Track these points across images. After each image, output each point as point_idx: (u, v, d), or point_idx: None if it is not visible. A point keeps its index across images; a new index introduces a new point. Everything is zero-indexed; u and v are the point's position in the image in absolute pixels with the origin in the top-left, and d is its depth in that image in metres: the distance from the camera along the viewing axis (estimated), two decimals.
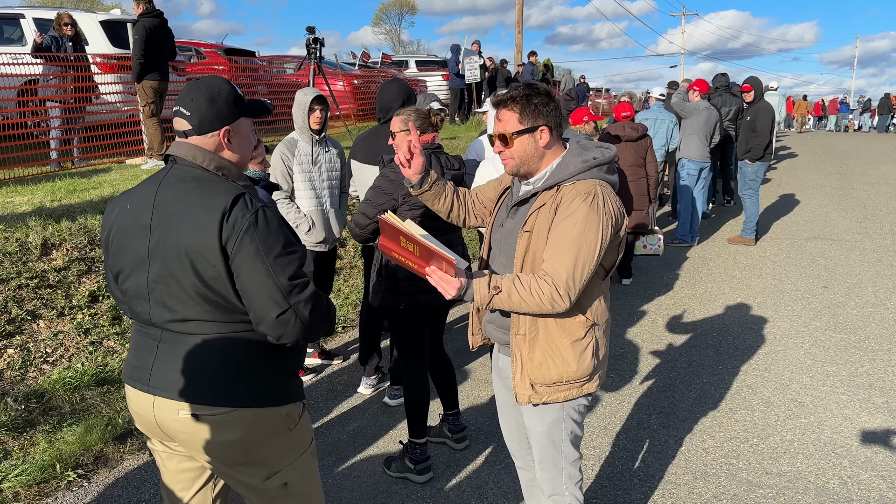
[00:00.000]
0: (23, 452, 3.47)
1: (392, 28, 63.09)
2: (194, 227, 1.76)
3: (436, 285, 2.02)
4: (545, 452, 2.34)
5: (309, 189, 4.32)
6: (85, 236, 5.00)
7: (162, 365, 1.85)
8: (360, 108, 13.39)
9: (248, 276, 1.75)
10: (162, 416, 1.87)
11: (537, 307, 2.02)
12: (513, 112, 2.11)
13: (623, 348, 5.17)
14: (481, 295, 2.02)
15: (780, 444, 3.77)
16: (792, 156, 18.62)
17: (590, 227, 2.01)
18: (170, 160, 1.92)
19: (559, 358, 2.15)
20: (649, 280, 7.03)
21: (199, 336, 1.82)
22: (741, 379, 4.60)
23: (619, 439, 3.83)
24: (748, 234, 8.50)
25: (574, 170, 2.10)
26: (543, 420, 2.28)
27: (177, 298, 1.80)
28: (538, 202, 2.11)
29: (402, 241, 2.05)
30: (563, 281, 1.99)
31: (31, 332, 4.24)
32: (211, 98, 1.88)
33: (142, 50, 7.36)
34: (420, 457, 3.40)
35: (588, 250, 2.01)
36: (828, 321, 5.69)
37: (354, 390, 4.46)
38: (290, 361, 1.96)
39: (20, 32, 9.23)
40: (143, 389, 1.88)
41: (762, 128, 7.99)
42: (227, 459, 1.90)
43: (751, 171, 8.26)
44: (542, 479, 2.41)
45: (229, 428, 1.84)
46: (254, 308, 1.77)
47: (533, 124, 2.11)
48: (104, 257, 1.99)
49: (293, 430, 1.97)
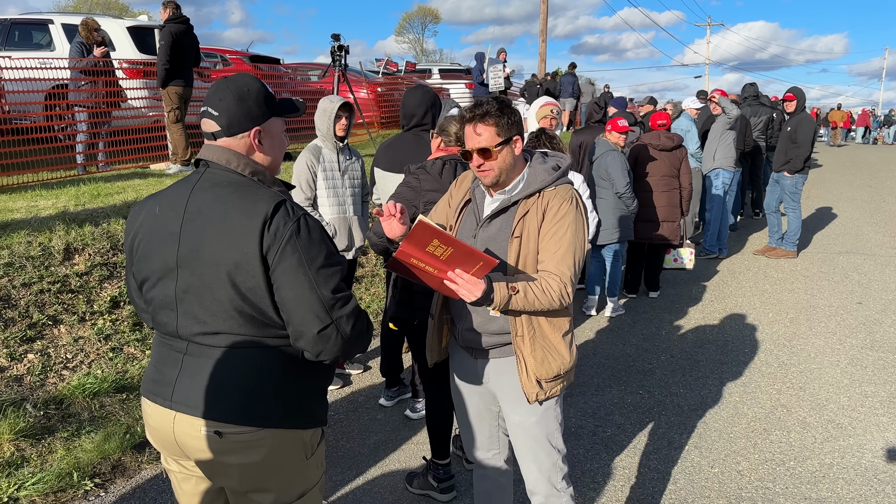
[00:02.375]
0: (40, 460, 3.42)
1: (416, 37, 63.36)
2: (232, 234, 1.66)
3: (457, 290, 2.05)
4: (540, 447, 2.39)
5: (333, 196, 4.25)
6: (108, 241, 4.98)
7: (186, 379, 1.75)
8: (383, 115, 13.39)
9: (288, 288, 1.65)
10: (182, 433, 1.76)
11: (548, 304, 2.15)
12: (490, 126, 2.20)
13: (651, 364, 5.03)
14: (501, 296, 2.08)
15: (818, 467, 3.61)
16: (821, 168, 18.30)
17: (579, 227, 2.22)
18: (201, 164, 1.82)
19: (555, 352, 2.29)
20: (677, 293, 6.87)
21: (229, 350, 1.72)
22: (775, 398, 4.44)
23: (650, 459, 3.69)
24: (790, 246, 8.31)
25: (550, 177, 2.26)
26: (535, 410, 2.36)
27: (208, 310, 1.70)
28: (521, 209, 2.24)
29: (432, 246, 1.99)
30: (568, 278, 2.16)
31: (51, 337, 4.21)
32: (240, 96, 1.78)
33: (167, 55, 7.38)
34: (444, 476, 3.29)
35: (581, 248, 2.22)
36: (864, 339, 5.50)
37: (375, 402, 4.37)
38: (320, 381, 1.86)
39: (49, 38, 9.32)
40: (165, 405, 1.77)
41: (804, 139, 7.74)
42: (244, 483, 1.80)
43: (790, 183, 8.03)
44: (537, 482, 2.43)
45: (252, 449, 1.75)
46: (293, 322, 1.67)
47: (508, 136, 2.22)
48: (127, 263, 1.89)
49: (309, 459, 1.86)
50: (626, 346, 5.37)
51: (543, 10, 21.32)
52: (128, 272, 1.89)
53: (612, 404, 4.35)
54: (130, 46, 9.13)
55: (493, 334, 2.34)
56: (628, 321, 6.02)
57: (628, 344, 5.44)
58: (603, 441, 3.88)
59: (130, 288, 1.91)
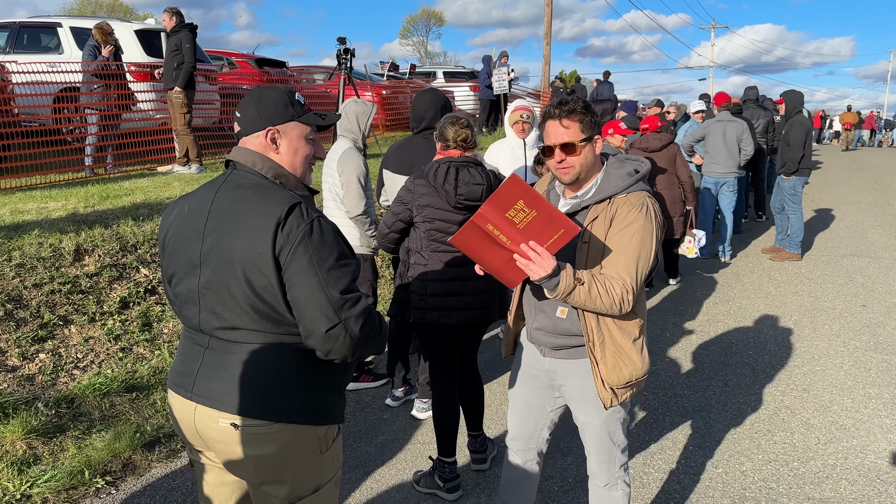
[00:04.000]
0: (52, 458, 3.47)
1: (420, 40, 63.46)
2: (248, 234, 1.73)
3: (527, 265, 2.05)
4: (601, 445, 2.49)
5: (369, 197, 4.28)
6: (117, 242, 5.03)
7: (206, 372, 1.82)
8: (388, 118, 13.44)
9: (299, 287, 1.71)
10: (202, 425, 1.83)
11: (608, 306, 2.15)
12: (575, 122, 2.22)
13: (656, 365, 5.06)
14: (566, 283, 2.08)
15: (821, 468, 3.64)
16: (825, 171, 18.29)
17: (646, 235, 2.19)
18: (230, 165, 1.90)
19: (627, 358, 2.31)
20: (682, 296, 6.90)
21: (246, 345, 1.78)
22: (779, 399, 4.47)
23: (655, 459, 3.72)
24: (794, 248, 8.35)
25: (623, 183, 2.25)
26: (601, 413, 2.42)
27: (226, 306, 1.77)
28: (591, 215, 2.25)
29: (514, 210, 1.98)
30: (630, 285, 2.16)
31: (62, 337, 4.26)
32: (259, 99, 1.88)
33: (194, 57, 7.57)
34: (450, 475, 3.33)
35: (646, 256, 2.19)
36: (868, 341, 5.52)
37: (382, 402, 4.41)
38: (336, 378, 1.91)
39: (57, 41, 9.39)
40: (187, 396, 1.85)
41: (796, 141, 7.87)
42: (258, 474, 1.85)
43: (788, 185, 8.12)
44: (597, 471, 2.55)
45: (266, 442, 1.80)
46: (304, 321, 1.72)
47: (591, 133, 2.25)
48: (160, 259, 1.98)
49: (324, 454, 1.91)
50: None
51: (547, 14, 21.37)
52: (162, 267, 1.98)
53: None
54: (138, 49, 9.19)
55: (562, 335, 2.37)
56: None
57: None
58: None
59: (164, 283, 1.99)
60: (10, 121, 6.94)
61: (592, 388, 2.38)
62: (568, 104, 2.22)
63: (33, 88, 7.33)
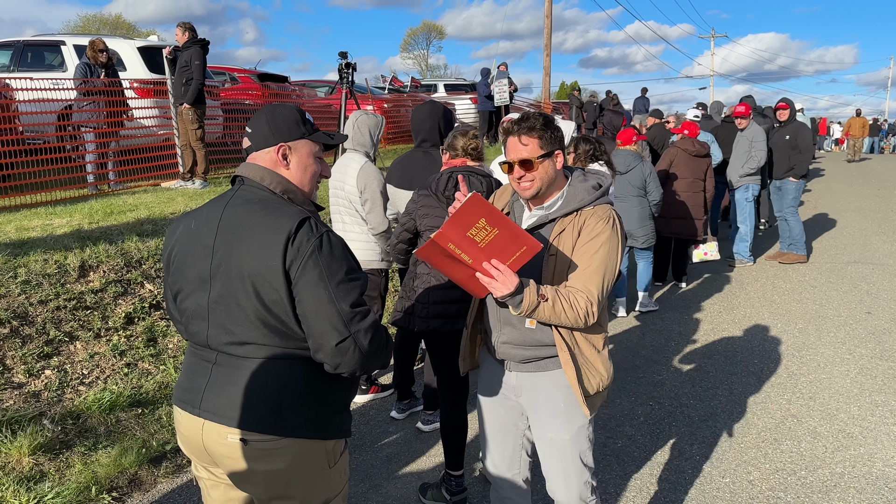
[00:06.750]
0: (59, 474, 3.47)
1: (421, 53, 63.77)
2: (258, 249, 1.74)
3: (489, 283, 2.05)
4: (571, 464, 2.39)
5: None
6: (122, 258, 5.05)
7: (214, 388, 1.82)
8: (389, 131, 13.50)
9: (309, 301, 1.72)
10: (210, 441, 1.83)
11: (573, 320, 2.15)
12: (534, 138, 2.23)
13: (661, 375, 5.05)
14: (530, 300, 2.08)
15: (829, 477, 3.62)
16: (827, 178, 18.29)
17: (612, 248, 2.21)
18: (237, 181, 1.92)
19: (594, 370, 2.32)
20: (686, 304, 6.89)
21: (255, 360, 1.79)
22: (785, 408, 4.45)
23: (661, 470, 3.71)
24: (800, 250, 8.48)
25: (590, 196, 2.27)
26: (570, 427, 2.36)
27: (235, 321, 1.78)
28: (558, 227, 2.26)
29: (476, 228, 1.97)
30: (595, 297, 2.16)
31: (68, 353, 4.27)
32: (271, 115, 1.90)
33: (203, 74, 7.67)
34: (457, 488, 3.32)
35: (612, 269, 2.21)
36: (873, 348, 5.50)
37: (387, 415, 4.40)
38: (344, 393, 1.92)
39: (61, 59, 9.47)
40: (194, 413, 1.85)
41: (806, 144, 8.15)
42: (268, 490, 1.85)
43: (794, 188, 8.34)
44: (566, 499, 2.43)
45: (276, 457, 1.80)
46: (313, 334, 1.73)
47: (550, 149, 2.25)
48: (164, 275, 1.98)
49: (332, 468, 1.91)
50: (635, 358, 5.39)
51: (547, 25, 21.52)
52: (165, 283, 1.98)
53: (622, 416, 4.37)
54: (141, 66, 9.26)
55: (533, 346, 2.33)
56: (637, 333, 6.04)
57: (637, 356, 5.46)
58: (614, 452, 3.90)
59: (167, 299, 1.99)
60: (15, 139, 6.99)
61: (562, 400, 2.33)
62: (528, 120, 2.24)
63: (38, 106, 7.38)
